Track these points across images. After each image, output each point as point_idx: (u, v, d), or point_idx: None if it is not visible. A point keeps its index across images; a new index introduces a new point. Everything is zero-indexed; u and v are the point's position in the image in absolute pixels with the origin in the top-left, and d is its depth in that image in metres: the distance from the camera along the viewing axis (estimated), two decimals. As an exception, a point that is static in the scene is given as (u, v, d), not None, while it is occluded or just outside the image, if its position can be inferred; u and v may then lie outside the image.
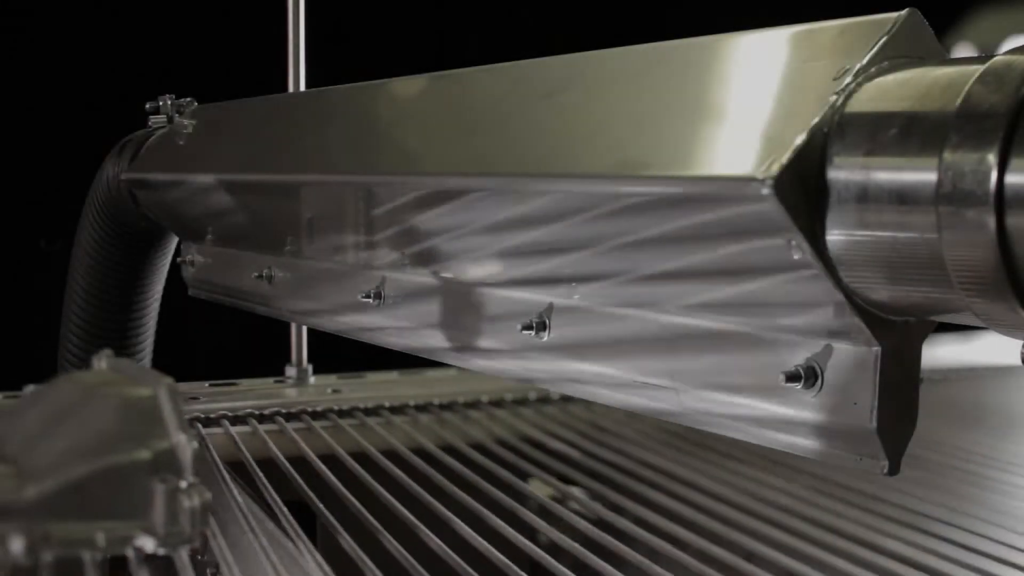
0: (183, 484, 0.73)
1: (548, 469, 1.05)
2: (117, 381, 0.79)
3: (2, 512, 0.72)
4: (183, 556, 0.76)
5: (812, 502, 0.94)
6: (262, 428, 1.09)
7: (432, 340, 0.79)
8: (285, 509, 0.84)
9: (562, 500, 0.95)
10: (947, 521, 0.89)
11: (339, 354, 1.20)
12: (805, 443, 0.54)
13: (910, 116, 0.47)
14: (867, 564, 0.80)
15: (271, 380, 1.26)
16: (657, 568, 0.75)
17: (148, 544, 0.72)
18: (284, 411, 1.14)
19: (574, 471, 1.05)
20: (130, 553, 0.75)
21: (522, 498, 0.93)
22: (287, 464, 0.97)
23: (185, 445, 0.74)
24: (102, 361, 0.80)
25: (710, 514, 0.91)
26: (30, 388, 1.08)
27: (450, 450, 1.07)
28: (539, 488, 0.98)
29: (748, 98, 0.55)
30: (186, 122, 1.15)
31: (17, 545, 0.70)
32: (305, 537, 0.78)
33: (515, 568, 0.75)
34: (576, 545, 0.81)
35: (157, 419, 0.76)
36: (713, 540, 0.84)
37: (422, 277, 0.79)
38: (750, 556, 0.82)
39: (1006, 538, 0.86)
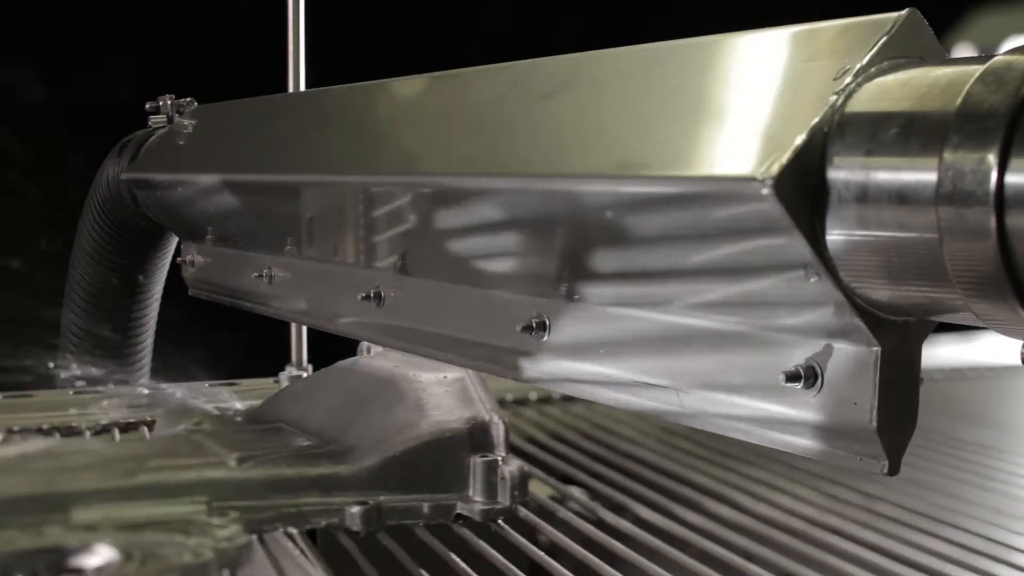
0: (499, 457, 0.82)
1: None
2: (409, 364, 0.88)
3: (341, 485, 0.80)
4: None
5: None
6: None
7: (432, 340, 0.79)
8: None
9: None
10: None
11: (339, 354, 1.20)
12: (805, 443, 0.54)
13: (910, 116, 0.47)
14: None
15: (271, 380, 1.26)
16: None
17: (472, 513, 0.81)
18: None
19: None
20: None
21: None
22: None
23: (498, 422, 0.84)
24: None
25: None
26: (292, 372, 1.18)
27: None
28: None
29: (748, 98, 0.55)
30: (186, 122, 1.15)
31: (354, 515, 0.79)
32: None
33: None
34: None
35: (469, 399, 0.82)
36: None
37: (422, 277, 0.79)
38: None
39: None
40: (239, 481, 0.79)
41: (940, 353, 1.61)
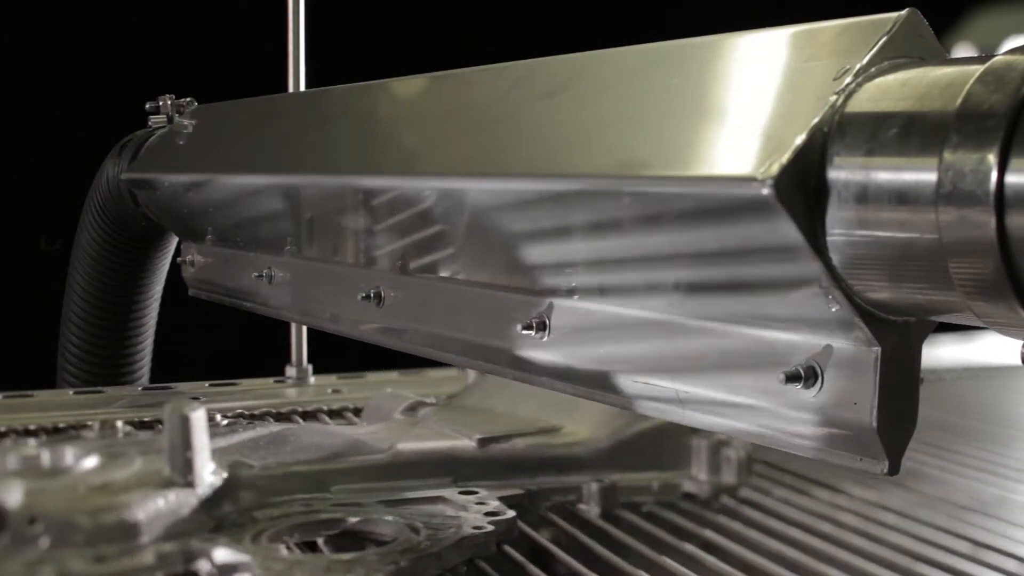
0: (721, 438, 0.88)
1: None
2: None
3: (576, 465, 0.86)
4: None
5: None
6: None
7: (432, 340, 0.79)
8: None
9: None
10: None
11: (339, 354, 1.20)
12: (805, 443, 0.54)
13: (910, 116, 0.47)
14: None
15: (271, 380, 1.26)
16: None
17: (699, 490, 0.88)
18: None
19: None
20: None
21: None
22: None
23: None
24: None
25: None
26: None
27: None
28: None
29: (748, 98, 0.55)
30: (186, 122, 1.15)
31: (593, 492, 0.85)
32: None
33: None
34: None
35: None
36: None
37: (422, 277, 0.79)
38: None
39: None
40: (482, 461, 0.85)
41: (940, 353, 1.61)
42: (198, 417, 0.71)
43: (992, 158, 0.43)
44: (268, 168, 0.96)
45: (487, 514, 0.76)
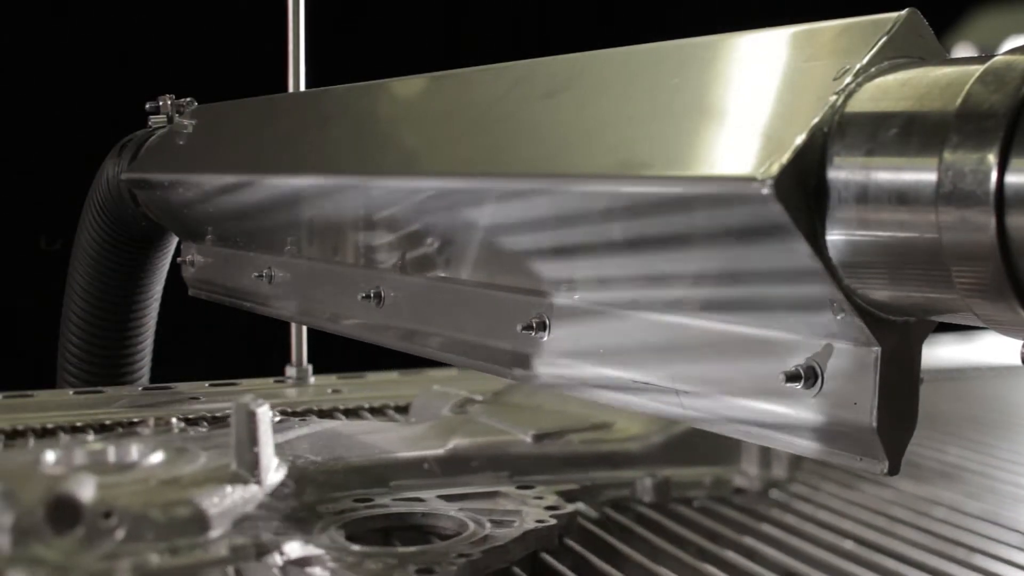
0: None
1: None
2: None
3: (630, 460, 0.88)
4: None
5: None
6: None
7: (432, 340, 0.79)
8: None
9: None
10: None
11: (339, 354, 1.20)
12: (805, 443, 0.54)
13: (910, 116, 0.47)
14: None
15: (271, 380, 1.26)
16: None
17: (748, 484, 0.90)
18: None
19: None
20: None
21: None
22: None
23: None
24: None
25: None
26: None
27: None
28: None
29: (748, 98, 0.55)
30: (186, 122, 1.15)
31: (647, 487, 0.86)
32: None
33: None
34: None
35: None
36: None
37: (422, 277, 0.79)
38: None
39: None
40: (537, 456, 0.86)
41: (940, 353, 1.61)
42: (264, 413, 0.73)
43: (992, 158, 0.43)
44: (268, 168, 0.96)
45: (547, 508, 0.78)
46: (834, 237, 0.49)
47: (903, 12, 0.51)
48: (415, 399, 1.04)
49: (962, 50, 2.35)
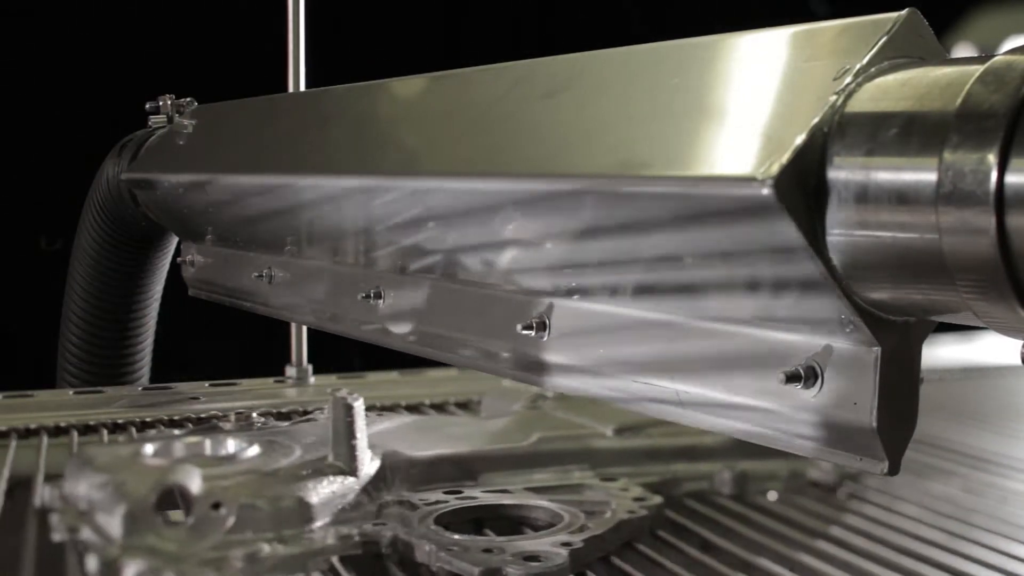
0: None
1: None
2: None
3: (707, 453, 0.89)
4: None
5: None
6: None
7: (432, 340, 0.79)
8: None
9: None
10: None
11: (339, 354, 1.20)
12: (805, 443, 0.54)
13: (910, 116, 0.47)
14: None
15: (271, 380, 1.26)
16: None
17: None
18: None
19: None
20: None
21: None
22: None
23: None
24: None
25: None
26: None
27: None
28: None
29: (748, 98, 0.55)
30: (186, 122, 1.15)
31: (726, 479, 0.87)
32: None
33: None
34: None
35: None
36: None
37: (422, 277, 0.79)
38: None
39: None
40: (619, 450, 0.88)
41: (940, 353, 1.61)
42: (360, 407, 0.74)
43: (992, 158, 0.43)
44: (268, 168, 0.96)
45: (635, 499, 0.79)
46: (834, 237, 0.49)
47: (903, 12, 0.52)
48: (484, 398, 1.07)
49: (962, 50, 2.35)
